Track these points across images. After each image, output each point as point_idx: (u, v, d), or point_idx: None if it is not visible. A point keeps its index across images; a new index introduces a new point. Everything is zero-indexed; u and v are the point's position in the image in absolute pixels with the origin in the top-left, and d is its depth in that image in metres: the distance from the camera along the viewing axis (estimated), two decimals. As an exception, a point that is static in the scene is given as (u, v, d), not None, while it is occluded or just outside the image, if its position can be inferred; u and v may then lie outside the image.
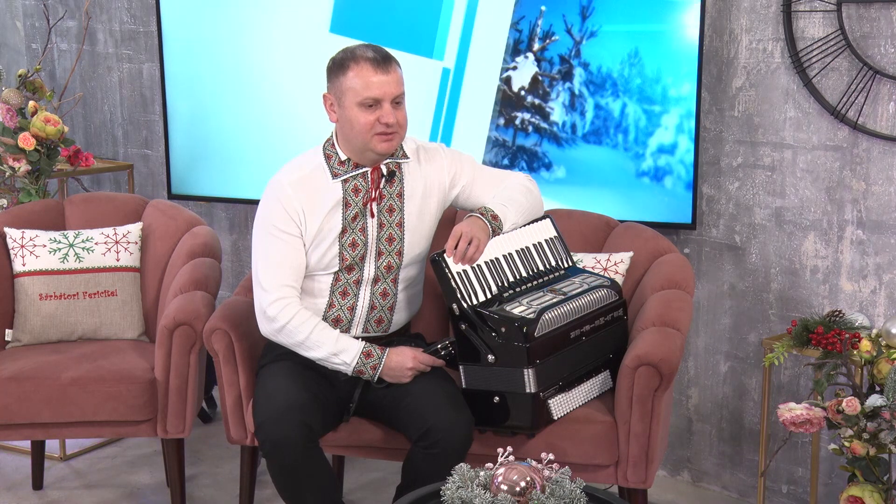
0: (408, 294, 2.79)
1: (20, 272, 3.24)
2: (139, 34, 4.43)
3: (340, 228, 2.66)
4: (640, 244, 3.00)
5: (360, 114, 2.58)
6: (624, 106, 3.31)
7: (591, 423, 2.63)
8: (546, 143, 3.44)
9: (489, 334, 2.52)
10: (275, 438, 2.50)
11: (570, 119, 3.40)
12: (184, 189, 4.03)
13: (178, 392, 2.97)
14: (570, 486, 2.01)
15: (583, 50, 3.33)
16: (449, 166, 2.77)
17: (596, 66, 3.32)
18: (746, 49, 3.17)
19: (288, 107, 3.78)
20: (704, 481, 3.51)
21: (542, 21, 3.37)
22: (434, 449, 2.51)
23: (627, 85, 3.29)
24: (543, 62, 3.40)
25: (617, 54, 3.29)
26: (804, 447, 3.24)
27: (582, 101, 3.36)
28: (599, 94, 3.34)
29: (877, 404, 2.45)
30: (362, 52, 2.59)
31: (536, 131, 3.44)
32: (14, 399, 2.92)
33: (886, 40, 2.93)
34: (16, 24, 4.86)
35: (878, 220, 3.02)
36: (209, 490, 3.47)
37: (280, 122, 3.80)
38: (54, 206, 3.48)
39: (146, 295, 3.34)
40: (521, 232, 2.77)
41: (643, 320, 2.73)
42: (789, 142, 3.15)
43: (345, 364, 2.62)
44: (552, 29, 3.36)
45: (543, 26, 3.38)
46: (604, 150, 3.36)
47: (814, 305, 3.16)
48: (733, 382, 3.38)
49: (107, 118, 4.64)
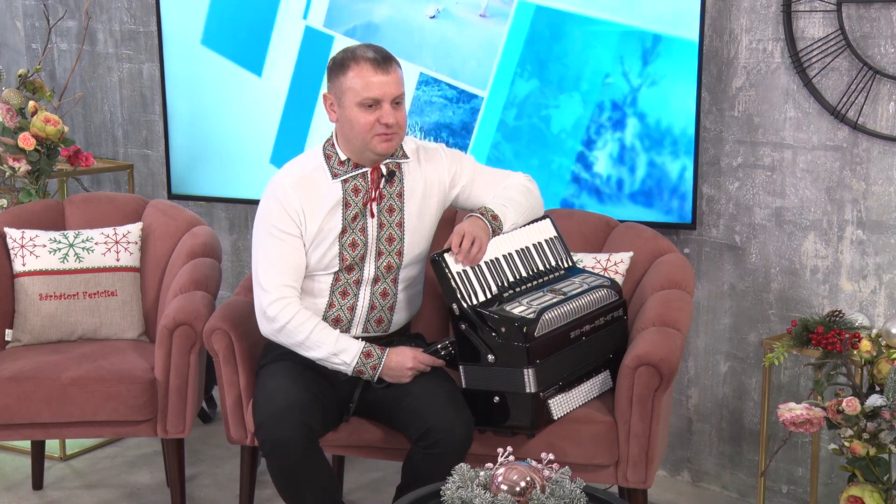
0: (408, 294, 2.79)
1: (20, 272, 3.24)
2: (139, 34, 4.43)
3: (340, 228, 2.66)
4: (640, 244, 3.00)
5: (360, 114, 2.58)
6: (683, 169, 3.19)
7: (591, 423, 2.63)
8: (586, 195, 3.35)
9: (489, 334, 2.52)
10: (275, 438, 2.50)
11: (616, 173, 3.29)
12: (184, 189, 4.03)
13: (178, 392, 2.97)
14: (570, 486, 2.01)
15: (639, 98, 3.22)
16: (449, 166, 2.77)
17: (654, 119, 3.21)
18: (746, 49, 3.17)
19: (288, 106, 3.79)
20: (704, 481, 3.51)
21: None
22: (434, 449, 2.51)
23: (690, 145, 3.17)
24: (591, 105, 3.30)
25: (680, 109, 3.17)
26: (804, 447, 3.24)
27: (633, 156, 3.26)
28: (655, 151, 3.23)
29: (877, 404, 2.45)
30: (363, 52, 2.59)
31: (575, 181, 3.36)
32: (14, 399, 2.92)
33: (886, 40, 2.93)
34: (16, 24, 4.86)
35: (878, 220, 3.02)
36: (209, 490, 3.47)
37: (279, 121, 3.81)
38: (54, 206, 3.48)
39: (146, 295, 3.34)
40: (521, 232, 2.77)
41: (643, 320, 2.73)
42: (789, 142, 3.15)
43: (345, 364, 2.62)
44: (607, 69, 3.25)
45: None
46: (653, 213, 3.25)
47: (814, 305, 3.16)
48: (733, 382, 3.38)
49: (107, 118, 4.64)
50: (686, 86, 3.16)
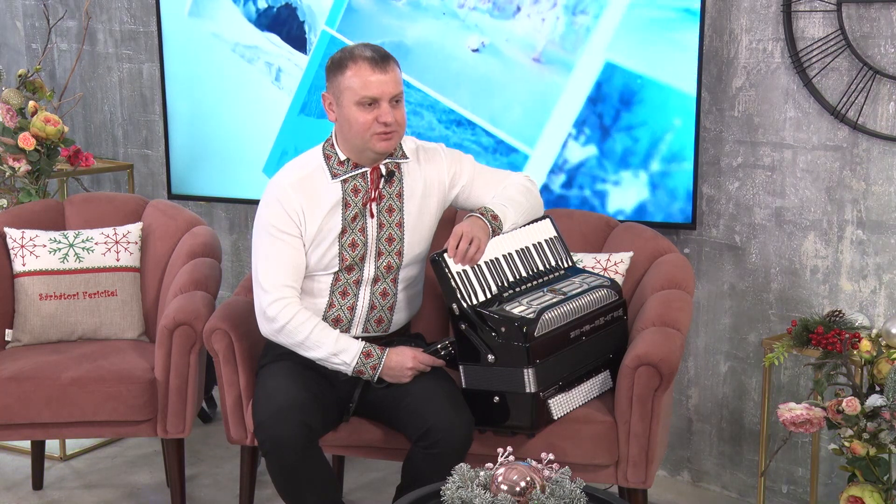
0: (408, 294, 2.79)
1: (20, 272, 3.24)
2: (139, 34, 4.43)
3: (340, 228, 2.66)
4: (640, 244, 3.00)
5: (359, 113, 2.57)
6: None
7: (591, 423, 2.63)
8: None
9: (489, 334, 2.52)
10: (274, 438, 2.50)
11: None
12: (184, 189, 4.03)
13: (178, 392, 2.97)
14: (570, 486, 2.01)
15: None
16: (449, 166, 2.77)
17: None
18: (746, 49, 3.17)
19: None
20: (704, 481, 3.51)
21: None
22: (434, 449, 2.51)
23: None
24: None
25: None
26: (804, 447, 3.24)
27: None
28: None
29: (877, 404, 2.45)
30: (360, 51, 2.59)
31: None
32: (14, 399, 2.92)
33: (886, 40, 2.93)
34: (16, 24, 4.86)
35: (878, 220, 3.02)
36: (209, 490, 3.47)
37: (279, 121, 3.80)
38: (54, 206, 3.48)
39: (146, 295, 3.34)
40: (521, 232, 2.77)
41: (643, 320, 2.73)
42: (789, 142, 3.15)
43: (344, 364, 2.62)
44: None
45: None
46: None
47: (814, 305, 3.16)
48: (733, 382, 3.38)
49: (107, 118, 4.64)
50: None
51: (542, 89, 3.00)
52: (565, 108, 2.97)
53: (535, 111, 3.00)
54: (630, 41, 3.00)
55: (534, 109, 3.00)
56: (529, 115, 3.01)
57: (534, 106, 3.01)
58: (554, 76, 2.97)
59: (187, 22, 3.88)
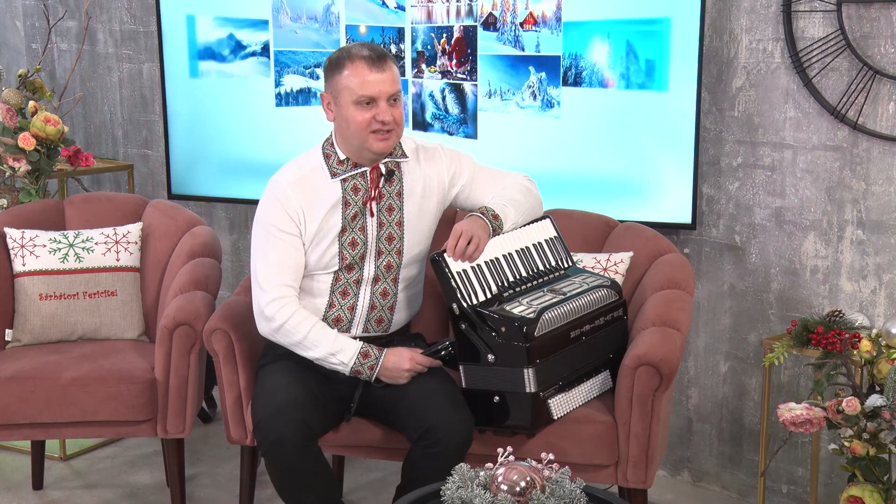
0: (408, 294, 2.79)
1: (20, 272, 3.24)
2: (139, 34, 4.43)
3: (340, 227, 2.66)
4: (640, 244, 3.00)
5: (357, 112, 2.58)
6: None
7: (591, 423, 2.63)
8: None
9: (489, 334, 2.52)
10: (273, 437, 2.50)
11: None
12: (184, 189, 4.03)
13: (178, 392, 2.97)
14: (570, 486, 2.01)
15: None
16: (448, 165, 2.77)
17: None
18: (746, 49, 3.17)
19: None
20: (704, 481, 3.51)
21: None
22: (434, 449, 2.51)
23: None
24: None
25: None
26: (804, 447, 3.24)
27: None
28: None
29: (877, 404, 2.45)
30: (358, 50, 2.59)
31: None
32: (14, 399, 2.92)
33: (886, 40, 2.93)
34: (16, 24, 4.85)
35: (878, 220, 3.02)
36: (209, 490, 3.47)
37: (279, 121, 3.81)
38: (54, 206, 3.48)
39: (146, 295, 3.34)
40: (521, 232, 2.77)
41: (643, 320, 2.73)
42: (789, 142, 3.15)
43: (342, 364, 2.62)
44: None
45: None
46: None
47: (814, 305, 3.16)
48: (733, 382, 3.38)
49: (107, 118, 4.64)
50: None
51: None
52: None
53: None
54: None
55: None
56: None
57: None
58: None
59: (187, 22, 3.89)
